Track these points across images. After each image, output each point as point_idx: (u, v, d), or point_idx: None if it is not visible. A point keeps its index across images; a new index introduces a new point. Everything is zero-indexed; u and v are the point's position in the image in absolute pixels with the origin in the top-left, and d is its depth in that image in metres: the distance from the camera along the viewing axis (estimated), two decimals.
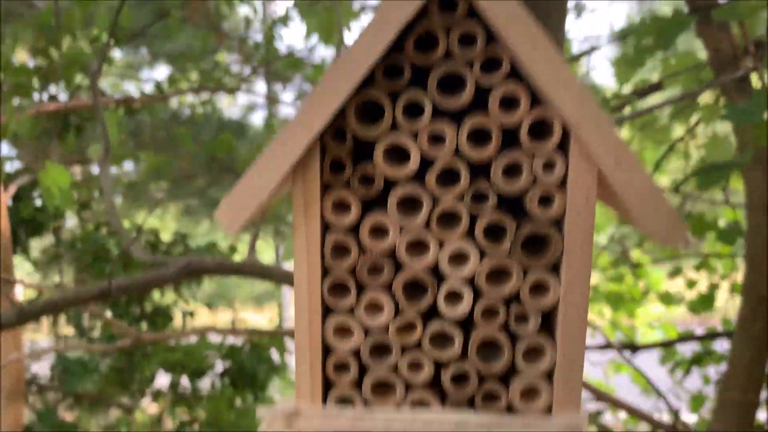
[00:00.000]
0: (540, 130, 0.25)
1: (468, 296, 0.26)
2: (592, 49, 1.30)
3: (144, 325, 2.55)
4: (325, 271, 0.27)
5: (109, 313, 2.33)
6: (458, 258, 0.26)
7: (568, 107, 0.24)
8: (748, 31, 0.90)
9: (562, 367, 0.27)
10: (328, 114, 0.24)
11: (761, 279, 1.03)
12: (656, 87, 1.38)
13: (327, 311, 0.27)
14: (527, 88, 0.25)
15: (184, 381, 2.71)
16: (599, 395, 1.02)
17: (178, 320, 2.64)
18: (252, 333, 1.27)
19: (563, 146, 0.25)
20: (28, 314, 0.57)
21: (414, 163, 0.26)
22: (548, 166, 0.25)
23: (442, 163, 0.25)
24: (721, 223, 1.34)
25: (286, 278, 0.67)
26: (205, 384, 2.72)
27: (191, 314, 2.62)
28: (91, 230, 2.51)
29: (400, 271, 0.27)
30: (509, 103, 0.25)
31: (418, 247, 0.26)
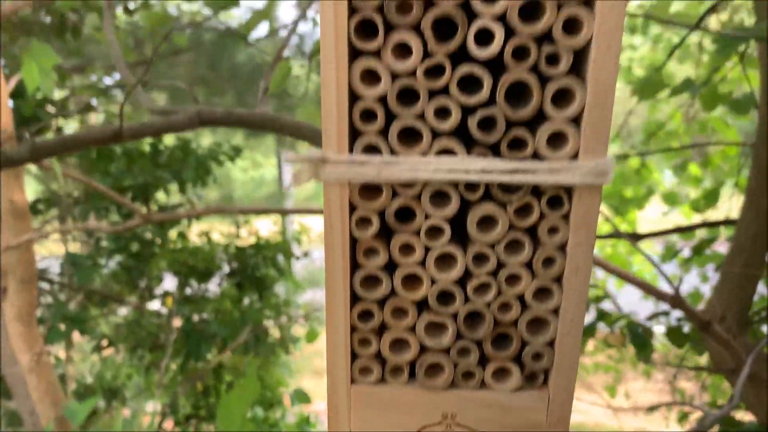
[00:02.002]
0: None
1: (499, 34, 0.26)
2: None
3: (150, 227, 2.57)
4: (352, 11, 0.26)
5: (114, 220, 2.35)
6: None
7: None
8: None
9: (592, 110, 0.26)
10: None
11: None
12: None
13: (354, 55, 0.27)
14: None
15: (191, 284, 2.77)
16: (606, 267, 1.04)
17: (183, 224, 2.66)
18: (259, 211, 1.28)
19: None
20: (41, 150, 0.57)
21: None
22: None
23: None
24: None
25: (296, 130, 0.67)
26: (212, 286, 2.78)
27: (197, 216, 2.64)
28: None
29: (429, 7, 0.26)
30: None
31: None
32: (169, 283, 2.78)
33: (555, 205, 0.28)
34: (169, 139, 2.67)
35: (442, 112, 0.27)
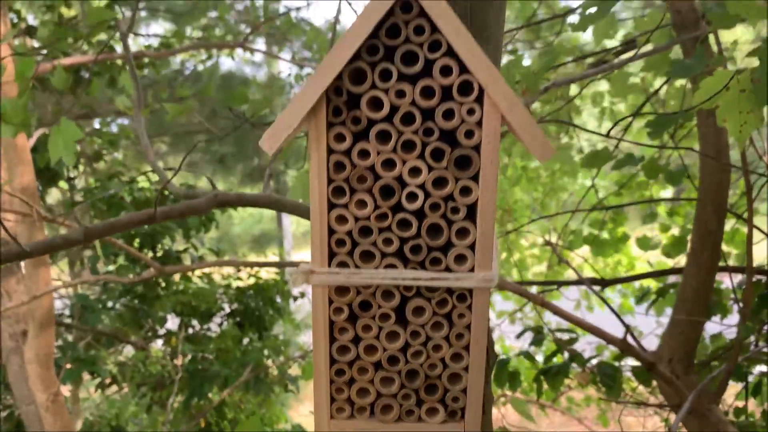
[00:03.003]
0: (465, 88, 0.40)
1: (421, 196, 0.41)
2: (570, 11, 1.42)
3: None
4: (329, 180, 0.41)
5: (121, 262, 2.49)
6: (414, 171, 0.41)
7: (481, 74, 0.38)
8: None
9: (480, 241, 0.41)
10: (331, 77, 0.38)
11: (710, 216, 1.18)
12: (631, 44, 1.50)
13: (331, 206, 0.42)
14: (457, 61, 0.39)
15: (193, 324, 2.89)
16: (565, 316, 1.18)
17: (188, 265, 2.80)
18: (263, 265, 1.42)
19: (480, 99, 0.39)
20: (93, 233, 0.71)
21: (386, 109, 0.40)
22: (470, 111, 0.40)
23: (404, 109, 0.40)
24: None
25: (295, 208, 0.82)
26: (213, 326, 2.90)
27: (200, 258, 2.78)
28: (105, 180, 2.64)
29: (377, 180, 0.41)
30: (446, 71, 0.39)
31: (389, 163, 0.41)
32: (172, 323, 2.91)
33: (462, 300, 0.43)
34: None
35: (387, 241, 0.42)
